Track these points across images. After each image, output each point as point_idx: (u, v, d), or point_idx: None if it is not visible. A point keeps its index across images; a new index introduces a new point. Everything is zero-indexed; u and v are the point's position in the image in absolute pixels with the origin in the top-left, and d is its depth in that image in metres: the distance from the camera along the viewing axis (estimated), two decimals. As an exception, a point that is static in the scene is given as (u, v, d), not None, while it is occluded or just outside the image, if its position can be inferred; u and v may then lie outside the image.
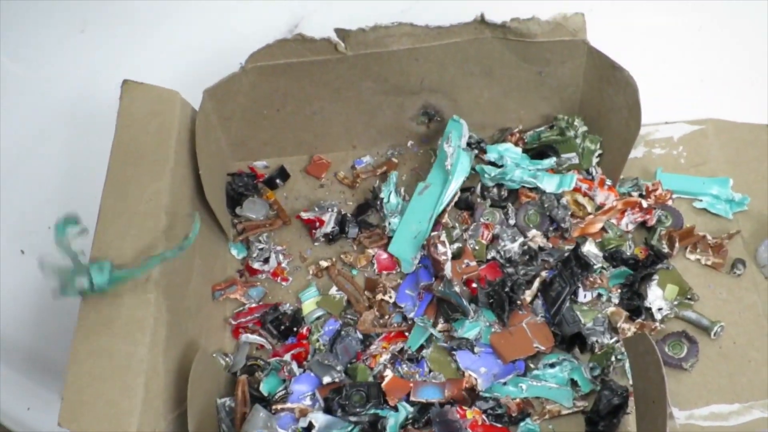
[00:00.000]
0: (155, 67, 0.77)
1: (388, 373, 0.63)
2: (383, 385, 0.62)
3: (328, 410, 0.61)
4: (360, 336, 0.66)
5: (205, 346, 0.63)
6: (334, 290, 0.69)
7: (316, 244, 0.72)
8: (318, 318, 0.67)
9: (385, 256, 0.70)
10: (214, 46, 0.56)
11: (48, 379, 0.73)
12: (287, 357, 0.65)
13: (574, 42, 0.67)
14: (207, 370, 0.60)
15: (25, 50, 0.82)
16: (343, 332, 0.65)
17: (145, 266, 0.55)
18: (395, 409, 0.61)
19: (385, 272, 0.70)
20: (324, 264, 0.70)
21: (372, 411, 0.61)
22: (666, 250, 0.68)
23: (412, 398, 0.62)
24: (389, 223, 0.70)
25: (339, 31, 0.66)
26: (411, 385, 0.62)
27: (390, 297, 0.67)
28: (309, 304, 0.68)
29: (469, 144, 0.74)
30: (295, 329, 0.67)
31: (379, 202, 0.72)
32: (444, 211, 0.69)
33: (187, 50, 0.80)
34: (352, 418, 0.61)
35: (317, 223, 0.71)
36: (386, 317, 0.67)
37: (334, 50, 0.66)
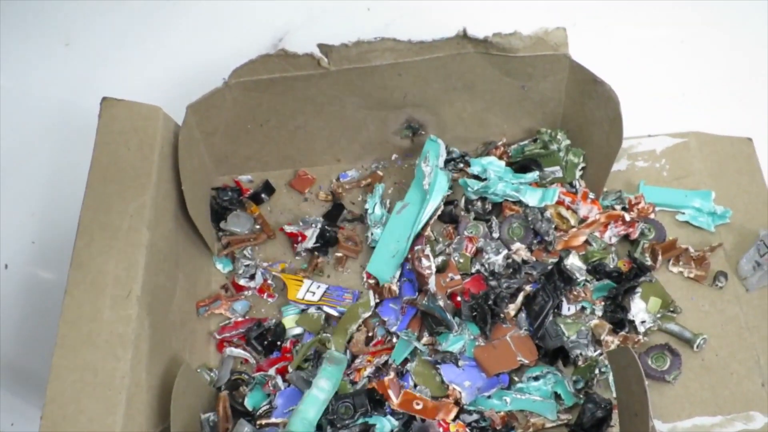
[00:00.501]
0: (138, 81, 0.77)
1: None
2: (376, 384, 0.62)
3: (317, 427, 0.61)
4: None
5: (189, 361, 0.63)
6: (313, 309, 0.69)
7: (297, 258, 0.72)
8: (296, 335, 0.67)
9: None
10: (198, 62, 0.56)
11: (33, 395, 0.73)
12: (272, 371, 0.65)
13: (555, 56, 0.67)
14: (190, 386, 0.60)
15: (8, 63, 0.81)
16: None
17: None
18: (384, 413, 0.61)
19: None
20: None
21: (361, 420, 0.61)
22: (649, 262, 0.68)
23: None
24: (372, 234, 0.70)
25: (322, 47, 0.66)
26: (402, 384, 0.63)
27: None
28: (288, 321, 0.68)
29: (453, 159, 0.74)
30: (278, 343, 0.67)
31: (363, 213, 0.72)
32: (423, 229, 0.69)
33: (170, 65, 0.80)
34: (343, 431, 0.61)
35: (299, 237, 0.71)
36: (374, 331, 0.67)
37: (317, 65, 0.67)
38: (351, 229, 0.73)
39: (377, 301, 0.68)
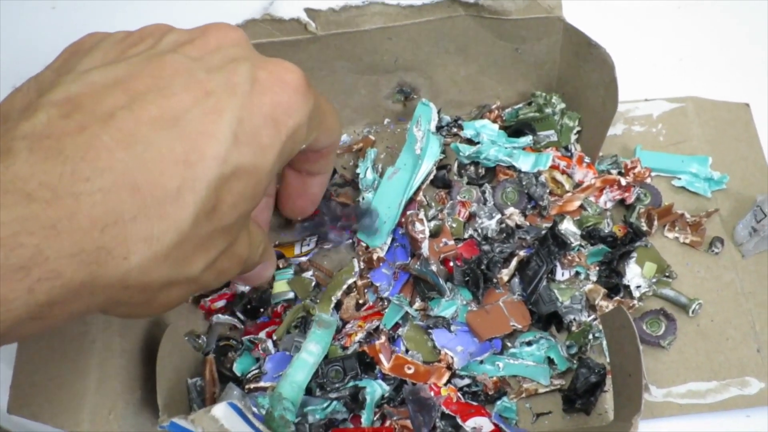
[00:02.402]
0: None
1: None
2: (368, 348, 0.62)
3: (306, 391, 0.61)
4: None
5: (174, 324, 0.62)
6: (308, 273, 0.68)
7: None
8: (288, 300, 0.66)
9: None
10: (185, 26, 0.54)
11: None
12: (262, 335, 0.64)
13: (549, 19, 0.66)
14: (176, 348, 0.59)
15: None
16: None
17: None
18: (374, 377, 0.61)
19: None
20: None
21: (351, 384, 0.60)
22: (644, 228, 0.67)
23: None
24: (363, 198, 0.69)
25: (309, 11, 0.65)
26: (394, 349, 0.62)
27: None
28: (281, 284, 0.67)
29: (447, 124, 0.73)
30: (261, 309, 0.66)
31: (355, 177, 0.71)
32: (415, 194, 0.68)
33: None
34: (333, 395, 0.60)
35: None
36: (365, 297, 0.66)
37: (305, 30, 0.65)
38: (343, 193, 0.72)
39: (361, 267, 0.66)
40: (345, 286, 0.65)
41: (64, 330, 0.53)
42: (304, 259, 0.68)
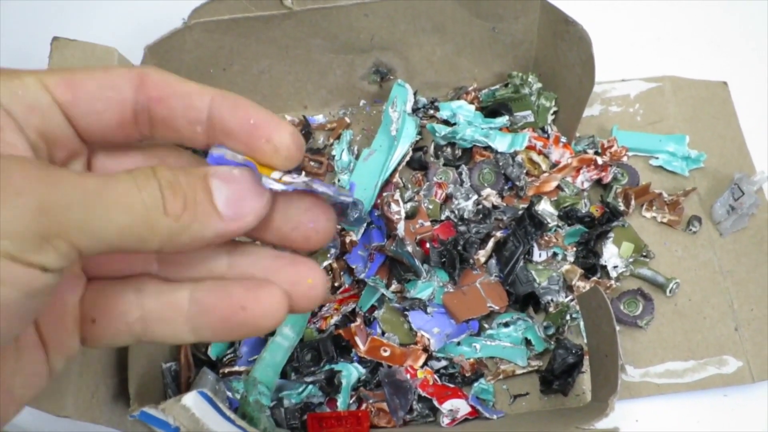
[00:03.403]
0: (93, 19, 0.73)
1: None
2: (343, 331, 0.61)
3: (282, 375, 0.60)
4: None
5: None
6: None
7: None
8: None
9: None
10: (156, 1, 0.52)
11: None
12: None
13: (526, -4, 0.65)
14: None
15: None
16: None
17: None
18: (350, 360, 0.60)
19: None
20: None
21: (327, 367, 0.60)
22: (622, 207, 0.67)
23: None
24: (339, 180, 0.68)
25: (285, -15, 0.64)
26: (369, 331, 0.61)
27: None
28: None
29: (423, 106, 0.72)
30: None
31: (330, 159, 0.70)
32: (391, 176, 0.68)
33: (128, 2, 0.77)
34: (308, 378, 0.60)
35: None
36: (341, 279, 0.65)
37: (280, 5, 0.64)
38: (318, 152, 0.71)
39: (337, 250, 0.66)
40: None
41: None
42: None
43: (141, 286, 0.34)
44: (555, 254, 0.65)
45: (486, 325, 0.63)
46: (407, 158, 0.68)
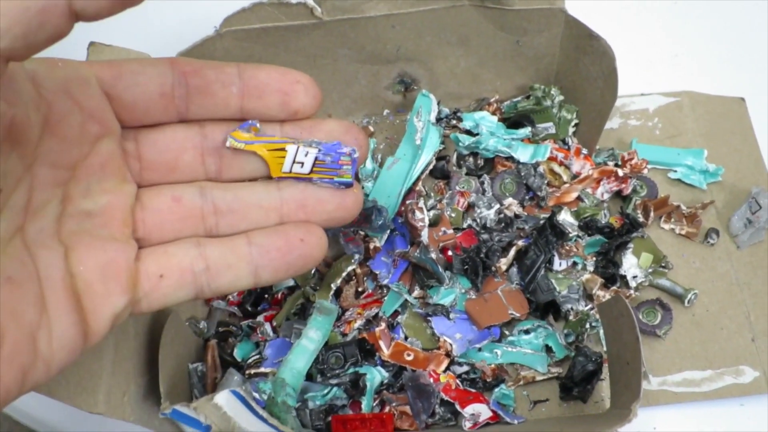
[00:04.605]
0: (128, 26, 0.74)
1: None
2: (367, 335, 0.62)
3: (307, 377, 0.61)
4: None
5: (177, 311, 0.62)
6: None
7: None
8: (287, 287, 0.67)
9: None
10: (189, 8, 0.54)
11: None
12: (260, 318, 0.64)
13: (551, 10, 0.67)
14: (179, 335, 0.59)
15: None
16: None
17: None
18: (374, 364, 0.61)
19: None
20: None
21: (352, 370, 0.61)
22: (641, 219, 0.68)
23: None
24: (362, 187, 0.70)
25: (315, -4, 0.65)
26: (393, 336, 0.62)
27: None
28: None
29: (446, 116, 0.74)
30: (266, 296, 0.66)
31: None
32: (415, 184, 0.69)
33: (161, 10, 0.78)
34: (333, 381, 0.61)
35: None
36: (364, 284, 0.66)
37: (311, 15, 0.66)
38: None
39: (361, 255, 0.67)
40: (344, 274, 0.65)
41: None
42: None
43: (200, 241, 0.39)
44: (575, 263, 0.67)
45: (507, 332, 0.65)
46: (431, 167, 0.70)
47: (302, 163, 0.42)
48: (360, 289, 0.66)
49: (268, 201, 0.41)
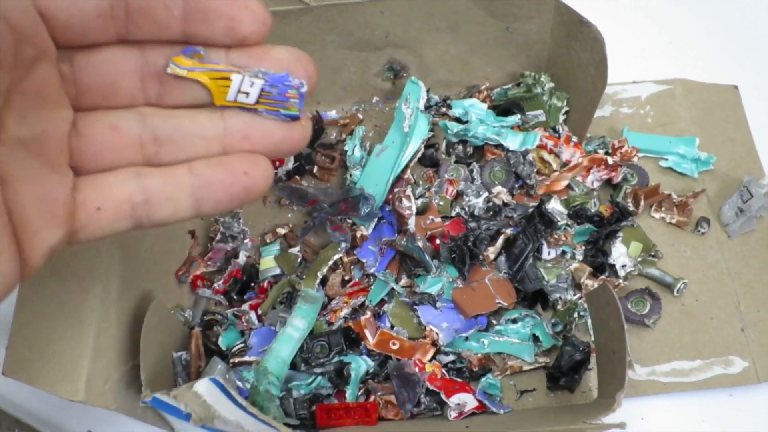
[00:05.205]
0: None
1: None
2: (353, 324, 0.62)
3: (291, 366, 0.61)
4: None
5: (162, 299, 0.61)
6: (296, 249, 0.68)
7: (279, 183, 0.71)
8: (275, 276, 0.66)
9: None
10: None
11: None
12: (245, 307, 0.64)
13: (541, -4, 0.66)
14: (162, 323, 0.58)
15: None
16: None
17: None
18: (359, 353, 0.61)
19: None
20: (281, 231, 0.69)
21: (337, 359, 0.60)
22: (631, 207, 0.67)
23: None
24: (351, 176, 0.69)
25: (303, -19, 0.64)
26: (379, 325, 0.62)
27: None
28: (268, 261, 0.67)
29: (435, 104, 0.73)
30: (252, 284, 0.66)
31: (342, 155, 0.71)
32: (403, 172, 0.68)
33: None
34: (318, 370, 0.60)
35: (278, 163, 0.70)
36: (351, 273, 0.66)
37: (297, 0, 0.65)
38: (330, 147, 0.72)
39: (348, 244, 0.66)
40: (331, 262, 0.65)
41: (62, 297, 0.52)
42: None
43: (139, 171, 0.36)
44: (564, 252, 0.66)
45: (494, 321, 0.64)
46: (419, 155, 0.69)
47: (247, 93, 0.40)
48: (347, 278, 0.66)
49: (210, 130, 0.38)
